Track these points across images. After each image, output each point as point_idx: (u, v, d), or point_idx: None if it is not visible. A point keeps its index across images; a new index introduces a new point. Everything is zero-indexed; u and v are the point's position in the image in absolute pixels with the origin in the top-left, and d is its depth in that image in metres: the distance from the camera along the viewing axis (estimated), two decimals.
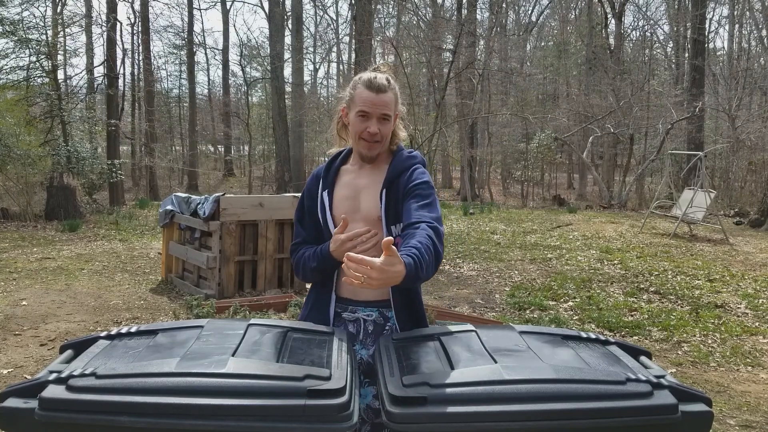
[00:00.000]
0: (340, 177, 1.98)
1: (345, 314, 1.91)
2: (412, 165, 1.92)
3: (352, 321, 1.91)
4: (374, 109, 1.85)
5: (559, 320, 5.60)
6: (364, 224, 1.88)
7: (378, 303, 1.90)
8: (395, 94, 1.90)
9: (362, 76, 1.90)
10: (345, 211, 1.89)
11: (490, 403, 1.27)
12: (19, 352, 4.51)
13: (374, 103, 1.84)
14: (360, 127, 1.87)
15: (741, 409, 3.77)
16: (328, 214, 1.93)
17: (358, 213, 1.91)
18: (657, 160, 17.74)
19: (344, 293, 1.92)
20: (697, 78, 18.15)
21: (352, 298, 1.91)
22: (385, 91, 1.85)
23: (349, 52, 30.26)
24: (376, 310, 1.90)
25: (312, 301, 1.98)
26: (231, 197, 6.33)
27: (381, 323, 1.90)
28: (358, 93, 1.87)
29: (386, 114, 1.86)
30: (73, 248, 9.16)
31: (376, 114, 1.85)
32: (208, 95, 33.05)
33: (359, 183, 1.94)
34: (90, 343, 1.57)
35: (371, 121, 1.85)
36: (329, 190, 1.95)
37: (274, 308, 5.66)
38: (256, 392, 1.25)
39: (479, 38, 19.16)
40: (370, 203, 1.90)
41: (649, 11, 29.50)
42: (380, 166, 1.95)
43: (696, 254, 9.33)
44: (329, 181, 1.97)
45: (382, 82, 1.86)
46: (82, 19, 20.77)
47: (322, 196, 1.95)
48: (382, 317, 1.90)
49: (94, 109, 19.49)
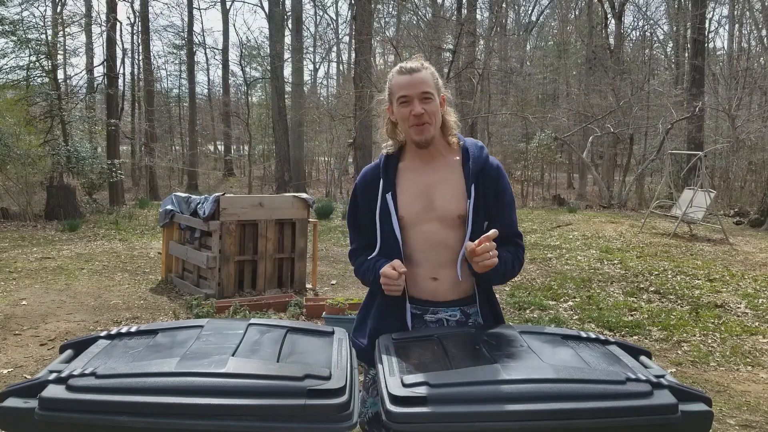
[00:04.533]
0: (402, 174, 1.90)
1: (426, 316, 1.87)
2: (487, 156, 1.89)
3: (434, 322, 1.87)
4: (412, 90, 1.80)
5: (559, 320, 5.60)
6: (440, 224, 1.83)
7: (459, 302, 1.88)
8: (431, 73, 1.85)
9: (393, 68, 1.89)
10: (417, 211, 1.84)
11: (490, 402, 1.27)
12: (19, 352, 4.51)
13: (411, 84, 1.81)
14: (405, 113, 1.82)
15: (741, 409, 3.77)
16: (394, 217, 1.85)
17: (433, 212, 1.84)
18: (657, 160, 17.74)
19: (422, 295, 1.87)
20: (697, 78, 18.15)
21: (431, 299, 1.87)
22: (419, 71, 1.82)
23: (349, 52, 30.26)
24: (458, 309, 1.88)
25: (383, 308, 1.90)
26: (231, 197, 6.33)
27: (463, 321, 1.88)
28: (393, 83, 1.85)
29: (426, 91, 1.81)
30: (73, 248, 9.16)
31: (415, 94, 1.80)
32: (208, 95, 33.08)
33: (428, 180, 1.87)
34: (90, 343, 1.57)
35: (413, 103, 1.81)
36: (393, 192, 1.87)
37: (274, 308, 5.66)
38: (256, 392, 1.25)
39: (479, 38, 19.17)
40: (448, 201, 1.84)
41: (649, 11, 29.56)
42: (449, 159, 1.89)
43: (696, 254, 9.33)
44: (390, 182, 1.88)
45: (413, 64, 1.84)
46: (81, 18, 20.78)
47: (385, 198, 1.86)
48: (464, 315, 1.88)
49: (93, 108, 19.49)
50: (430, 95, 1.82)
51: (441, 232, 1.84)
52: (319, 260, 7.64)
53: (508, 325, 1.84)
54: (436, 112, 1.84)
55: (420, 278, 1.86)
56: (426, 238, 1.85)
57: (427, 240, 1.85)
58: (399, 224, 1.84)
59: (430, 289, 1.86)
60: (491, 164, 1.87)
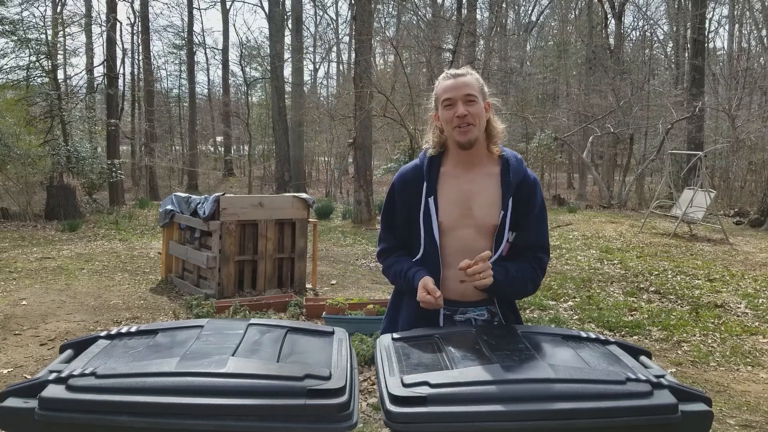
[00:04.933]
0: (443, 180, 1.93)
1: (456, 316, 1.93)
2: (526, 170, 1.94)
3: (463, 321, 1.93)
4: (456, 93, 1.85)
5: (559, 320, 5.60)
6: (476, 231, 1.87)
7: (485, 302, 1.94)
8: (476, 78, 1.90)
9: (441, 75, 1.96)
10: (455, 218, 1.88)
11: (490, 402, 1.28)
12: (19, 352, 4.51)
13: (455, 87, 1.86)
14: (449, 115, 1.86)
15: (741, 409, 3.77)
16: (434, 221, 1.88)
17: (470, 219, 1.88)
18: (657, 160, 17.74)
19: (452, 296, 1.92)
20: (697, 78, 18.14)
21: (461, 299, 1.92)
22: (464, 75, 1.88)
23: (349, 52, 30.25)
24: (485, 308, 1.94)
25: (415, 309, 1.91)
26: (231, 197, 6.33)
27: (489, 319, 1.95)
28: (439, 88, 1.92)
29: (470, 94, 1.85)
30: (73, 248, 9.16)
31: (459, 97, 1.85)
32: (208, 95, 33.07)
33: (470, 188, 1.91)
34: (90, 343, 1.57)
35: (457, 105, 1.85)
36: (434, 196, 1.90)
37: (274, 308, 5.66)
38: (256, 392, 1.25)
39: (479, 38, 19.17)
40: (485, 210, 1.88)
41: (649, 11, 29.54)
42: (490, 169, 1.92)
43: (696, 254, 9.33)
44: (432, 186, 1.91)
45: (459, 70, 1.90)
46: (81, 18, 20.78)
47: (428, 202, 1.89)
48: (490, 314, 1.95)
49: (94, 108, 19.49)
50: (474, 97, 1.86)
51: (476, 238, 1.90)
52: (319, 260, 7.64)
53: (508, 325, 1.84)
54: (479, 114, 1.87)
55: (450, 280, 1.91)
56: (461, 243, 1.90)
57: (462, 245, 1.90)
58: (439, 228, 1.89)
59: (459, 290, 1.91)
60: (529, 178, 1.93)
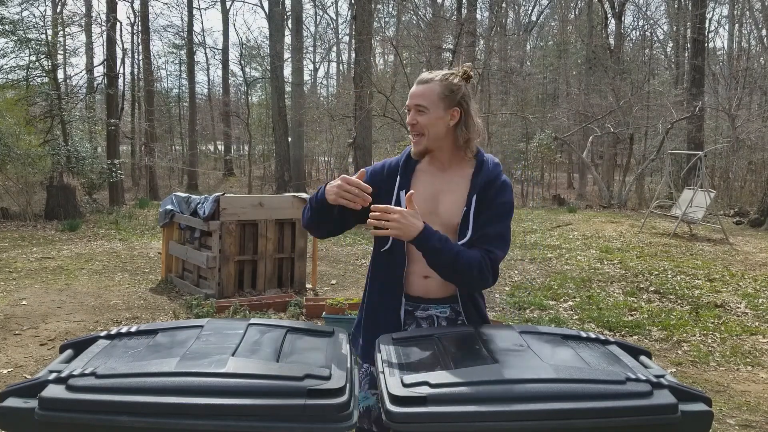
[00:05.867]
0: (418, 176, 1.96)
1: (417, 312, 1.92)
2: (499, 173, 1.92)
3: (425, 318, 1.92)
4: (410, 101, 1.87)
5: (559, 320, 5.60)
6: (442, 229, 1.86)
7: (448, 299, 1.92)
8: (440, 86, 1.85)
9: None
10: (422, 214, 1.87)
11: (490, 402, 1.28)
12: (19, 352, 4.51)
13: (411, 95, 1.88)
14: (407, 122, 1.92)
15: (741, 409, 3.77)
16: None
17: (436, 217, 1.88)
18: (657, 160, 17.73)
19: (415, 292, 1.92)
20: (697, 78, 18.14)
21: (423, 296, 1.92)
22: (425, 83, 1.87)
23: (349, 52, 30.27)
24: (448, 306, 1.92)
25: (376, 303, 1.95)
26: (231, 197, 6.33)
27: (453, 318, 1.92)
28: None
29: (419, 104, 1.85)
30: (73, 248, 9.16)
31: (411, 105, 1.86)
32: (207, 95, 33.04)
33: (440, 187, 1.92)
34: (90, 343, 1.57)
35: (411, 113, 1.87)
36: (407, 190, 1.91)
37: (274, 308, 5.66)
38: (256, 392, 1.25)
39: (479, 38, 19.17)
40: (450, 209, 1.89)
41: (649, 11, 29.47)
42: (463, 172, 1.93)
43: (696, 254, 9.33)
44: (407, 180, 1.94)
45: (426, 75, 1.89)
46: (81, 18, 20.78)
47: (399, 195, 1.92)
48: (454, 312, 1.93)
49: (93, 108, 19.49)
50: (424, 108, 1.85)
51: None
52: (319, 260, 7.64)
53: (508, 325, 1.84)
54: (428, 125, 1.86)
55: (415, 276, 1.91)
56: None
57: None
58: None
59: (422, 286, 1.91)
60: (499, 179, 1.91)
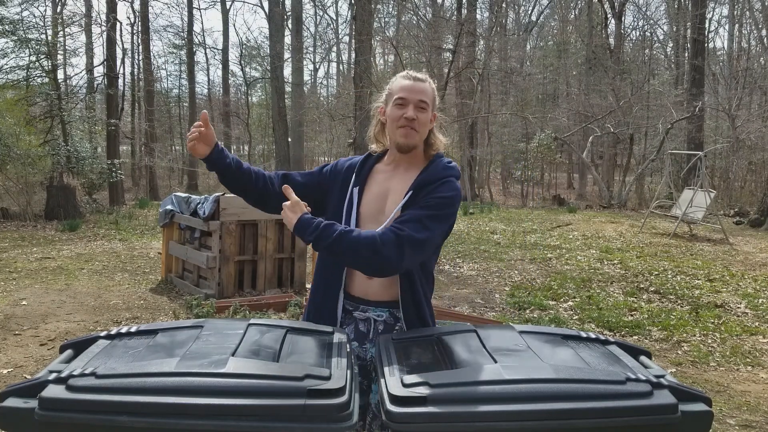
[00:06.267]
0: (373, 175, 1.97)
1: (356, 313, 1.89)
2: (445, 176, 1.86)
3: (363, 320, 1.89)
4: (411, 95, 1.85)
5: (559, 320, 5.59)
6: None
7: (388, 303, 1.88)
8: (432, 89, 1.91)
9: (399, 73, 1.95)
10: (372, 211, 1.89)
11: (490, 402, 1.28)
12: (19, 352, 4.51)
13: (412, 89, 1.86)
14: (397, 114, 1.86)
15: (741, 409, 3.77)
16: (354, 211, 1.90)
17: (383, 215, 1.88)
18: (657, 160, 17.73)
19: (355, 291, 1.90)
20: (697, 78, 18.14)
21: (363, 297, 1.89)
22: (423, 81, 1.89)
23: (349, 52, 30.26)
24: (386, 310, 1.88)
25: (319, 298, 1.95)
26: (231, 197, 6.33)
27: (391, 323, 1.88)
28: (395, 85, 1.90)
29: (423, 101, 1.86)
30: (72, 248, 9.16)
31: (413, 100, 1.85)
32: (207, 95, 32.98)
33: (390, 185, 1.92)
34: (90, 343, 1.57)
35: (408, 107, 1.85)
36: (360, 188, 1.93)
37: (273, 308, 5.66)
38: (256, 392, 1.25)
39: (479, 38, 19.16)
40: (392, 207, 1.88)
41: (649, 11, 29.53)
42: (414, 171, 1.92)
43: (696, 254, 9.33)
44: (362, 178, 1.95)
45: (419, 75, 1.91)
46: (81, 18, 20.77)
47: (352, 192, 1.93)
48: (393, 317, 1.88)
49: (93, 108, 19.47)
50: (426, 105, 1.87)
51: None
52: None
53: (508, 325, 1.84)
54: (426, 123, 1.89)
55: (358, 275, 1.89)
56: None
57: None
58: (357, 218, 1.90)
59: (363, 286, 1.90)
60: (439, 176, 1.86)
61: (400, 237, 1.70)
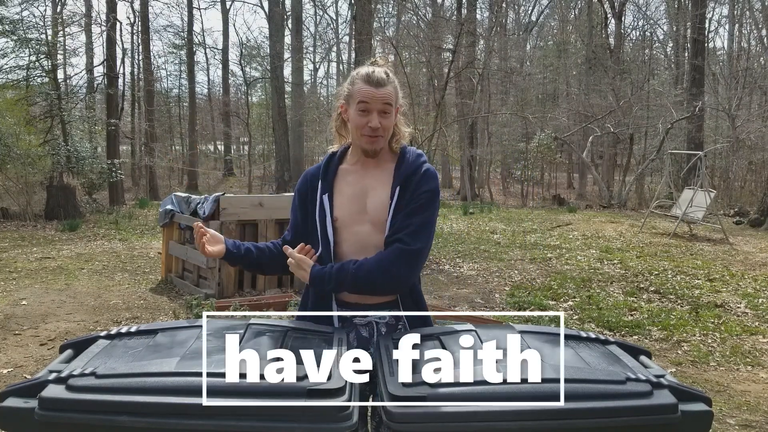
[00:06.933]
0: (341, 177, 1.91)
1: (356, 319, 1.85)
2: (422, 164, 1.87)
3: (364, 325, 1.85)
4: (374, 104, 1.80)
5: (559, 320, 5.59)
6: (371, 227, 1.83)
7: (388, 304, 1.86)
8: (395, 87, 1.86)
9: (360, 71, 1.86)
10: (351, 214, 1.84)
11: (489, 402, 1.27)
12: (19, 352, 4.51)
13: (374, 97, 1.80)
14: (361, 122, 1.82)
15: (741, 409, 3.77)
16: (328, 218, 1.85)
17: (365, 215, 1.85)
18: (657, 160, 17.73)
19: (350, 298, 1.85)
20: (697, 78, 18.14)
21: (360, 301, 1.85)
22: (385, 85, 1.82)
23: (349, 52, 30.25)
24: (386, 311, 1.86)
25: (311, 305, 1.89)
26: (231, 197, 6.33)
27: (393, 324, 1.86)
28: (357, 88, 1.83)
29: (387, 104, 1.82)
30: (72, 248, 9.16)
31: (376, 108, 1.80)
32: (207, 95, 33.01)
33: (365, 183, 1.88)
34: (90, 343, 1.57)
35: (372, 115, 1.81)
36: (329, 193, 1.88)
37: (273, 308, 5.66)
38: (256, 392, 1.25)
39: (479, 38, 19.17)
40: (378, 206, 1.84)
41: (649, 11, 29.51)
42: (385, 166, 1.89)
43: (696, 254, 9.33)
44: (329, 183, 1.89)
45: (381, 75, 1.82)
46: (81, 18, 20.76)
47: (322, 200, 1.87)
48: (394, 318, 1.86)
49: (93, 108, 19.48)
50: (390, 108, 1.83)
51: (372, 234, 1.84)
52: None
53: (508, 325, 1.84)
54: (390, 126, 1.86)
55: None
56: (358, 239, 1.86)
57: (358, 242, 1.85)
58: (333, 225, 1.86)
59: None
60: (421, 168, 1.86)
61: (408, 254, 1.74)
